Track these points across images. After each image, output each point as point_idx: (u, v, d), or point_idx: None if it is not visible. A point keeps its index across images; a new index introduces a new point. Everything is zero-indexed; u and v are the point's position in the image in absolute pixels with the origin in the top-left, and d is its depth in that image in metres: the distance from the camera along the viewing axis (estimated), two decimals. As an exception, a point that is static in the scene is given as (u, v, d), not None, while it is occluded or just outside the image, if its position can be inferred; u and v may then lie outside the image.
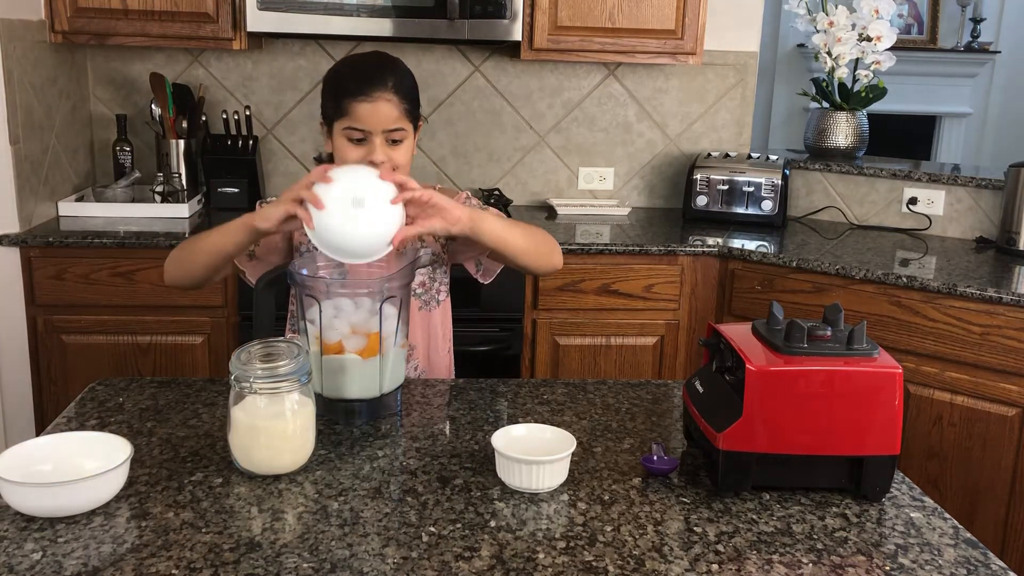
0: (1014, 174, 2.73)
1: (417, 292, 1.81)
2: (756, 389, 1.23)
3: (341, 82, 1.69)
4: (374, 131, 1.66)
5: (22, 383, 2.62)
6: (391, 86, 1.67)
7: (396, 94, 1.67)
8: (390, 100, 1.66)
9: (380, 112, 1.65)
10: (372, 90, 1.65)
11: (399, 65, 1.73)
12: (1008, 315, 2.28)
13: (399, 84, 1.68)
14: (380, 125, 1.66)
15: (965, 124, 6.81)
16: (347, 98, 1.66)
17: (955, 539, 1.19)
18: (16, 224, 2.56)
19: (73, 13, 2.68)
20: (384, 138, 1.67)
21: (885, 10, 3.11)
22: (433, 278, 1.83)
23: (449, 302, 1.89)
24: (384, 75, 1.68)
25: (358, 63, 1.74)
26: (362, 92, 1.65)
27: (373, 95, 1.65)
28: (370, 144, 1.67)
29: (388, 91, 1.66)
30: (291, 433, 1.28)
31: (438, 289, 1.86)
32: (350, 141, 1.68)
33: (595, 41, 2.87)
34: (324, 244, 1.42)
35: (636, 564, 1.09)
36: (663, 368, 2.78)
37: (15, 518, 1.15)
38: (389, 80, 1.67)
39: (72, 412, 1.50)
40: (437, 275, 1.84)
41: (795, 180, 3.21)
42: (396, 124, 1.67)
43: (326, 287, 1.44)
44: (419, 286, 1.80)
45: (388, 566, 1.07)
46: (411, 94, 1.71)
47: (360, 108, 1.65)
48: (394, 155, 1.69)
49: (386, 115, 1.66)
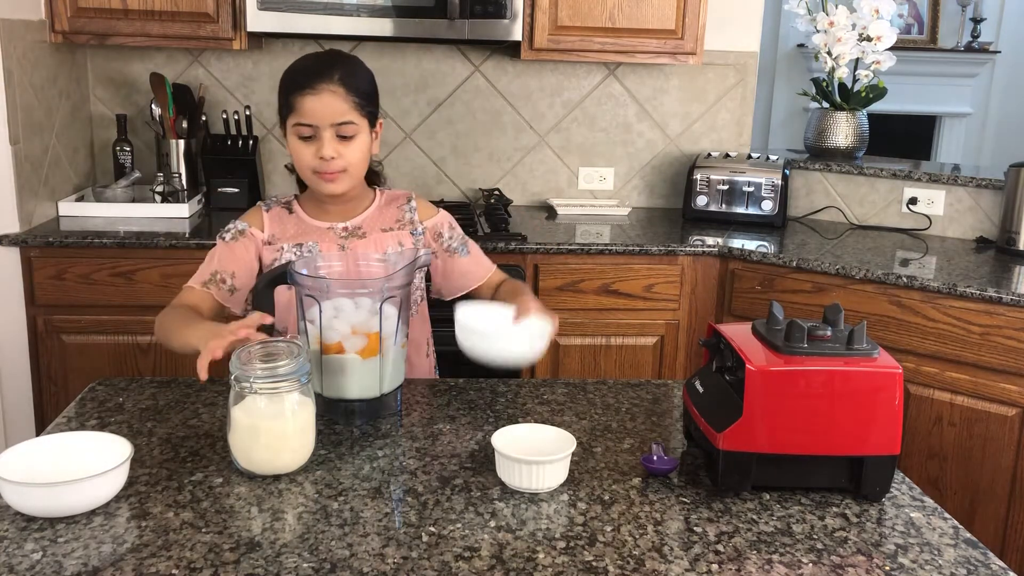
0: (1014, 174, 2.73)
1: None
2: (756, 389, 1.23)
3: (289, 79, 1.68)
4: (321, 124, 1.64)
5: (22, 383, 2.62)
6: (337, 78, 1.64)
7: (343, 86, 1.64)
8: (335, 92, 1.64)
9: (326, 104, 1.63)
10: (317, 82, 1.63)
11: (351, 60, 1.71)
12: (1008, 315, 2.28)
13: (347, 77, 1.66)
14: (327, 118, 1.63)
15: (965, 124, 6.81)
16: (294, 93, 1.65)
17: (955, 539, 1.19)
18: (16, 224, 2.56)
19: (73, 13, 2.68)
20: (333, 132, 1.64)
21: (885, 10, 3.11)
22: (415, 285, 1.82)
23: (426, 305, 1.89)
24: (331, 68, 1.66)
25: (308, 60, 1.72)
26: (308, 85, 1.63)
27: (317, 87, 1.63)
28: (319, 140, 1.65)
29: (334, 83, 1.64)
30: (291, 433, 1.28)
31: (420, 297, 1.86)
32: (300, 139, 1.66)
33: (595, 41, 2.87)
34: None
35: (636, 564, 1.09)
36: (663, 368, 2.78)
37: (15, 518, 1.15)
38: (336, 73, 1.65)
39: (72, 412, 1.50)
40: (415, 280, 1.82)
41: (795, 180, 3.21)
42: (344, 117, 1.64)
43: (326, 287, 1.44)
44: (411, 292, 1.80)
45: (388, 566, 1.07)
46: (362, 88, 1.68)
47: (305, 101, 1.63)
48: (345, 151, 1.66)
49: (333, 107, 1.63)
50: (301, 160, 1.68)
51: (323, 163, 1.66)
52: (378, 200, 1.83)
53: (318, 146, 1.65)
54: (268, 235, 1.75)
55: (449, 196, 3.27)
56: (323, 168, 1.66)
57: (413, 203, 1.85)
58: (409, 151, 3.23)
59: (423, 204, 1.88)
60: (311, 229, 1.76)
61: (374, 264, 1.59)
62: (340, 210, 1.78)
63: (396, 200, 1.85)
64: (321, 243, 1.74)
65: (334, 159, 1.65)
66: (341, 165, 1.67)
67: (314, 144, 1.66)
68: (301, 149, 1.67)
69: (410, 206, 1.84)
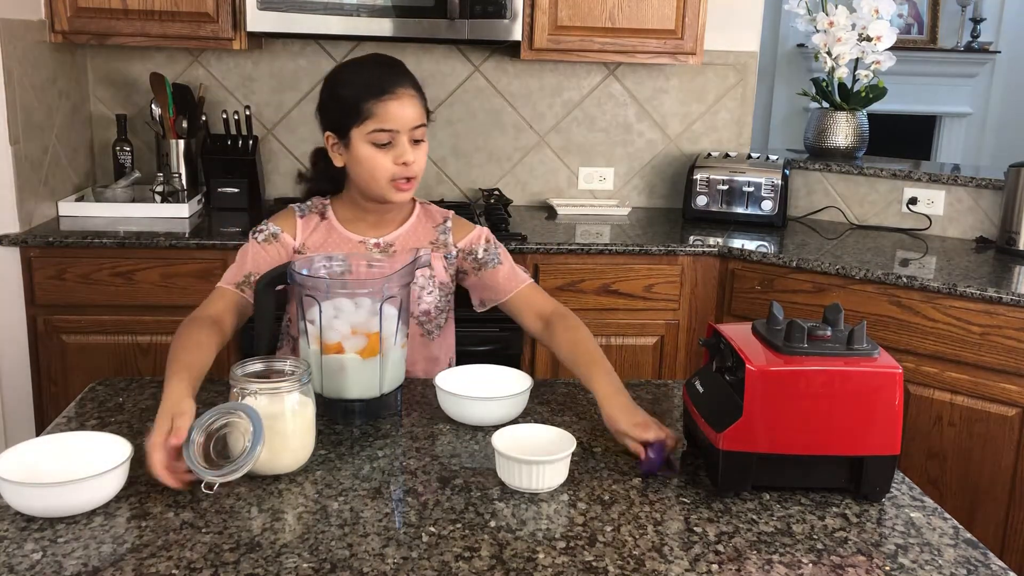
0: (1014, 174, 2.73)
1: (420, 320, 1.75)
2: (756, 389, 1.23)
3: (358, 84, 1.62)
4: (402, 130, 1.61)
5: (22, 383, 2.62)
6: (410, 82, 1.63)
7: (415, 89, 1.63)
8: (413, 96, 1.62)
9: (407, 109, 1.61)
10: (395, 87, 1.60)
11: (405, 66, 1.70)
12: (1008, 315, 2.28)
13: (415, 81, 1.65)
14: (408, 123, 1.61)
15: (965, 124, 6.81)
16: (370, 99, 1.59)
17: (955, 539, 1.19)
18: (16, 224, 2.56)
19: (73, 13, 2.68)
20: (409, 137, 1.62)
21: (885, 10, 3.11)
22: (440, 308, 1.78)
23: (453, 326, 1.86)
24: (400, 71, 1.64)
25: (367, 64, 1.68)
26: (387, 91, 1.59)
27: (398, 92, 1.60)
28: (398, 146, 1.61)
29: (409, 87, 1.62)
30: (291, 433, 1.28)
31: (446, 318, 1.82)
32: (376, 146, 1.61)
33: (595, 41, 2.87)
34: None
35: (636, 564, 1.09)
36: (663, 368, 2.78)
37: (15, 518, 1.15)
38: (407, 77, 1.63)
39: (72, 412, 1.50)
40: (443, 304, 1.79)
41: (795, 180, 3.21)
42: (420, 121, 1.63)
43: (326, 287, 1.44)
44: (423, 314, 1.75)
45: (388, 566, 1.07)
46: (423, 90, 1.67)
47: (388, 107, 1.59)
48: (419, 156, 1.64)
49: (412, 112, 1.61)
50: (378, 168, 1.61)
51: (404, 169, 1.62)
52: (416, 215, 1.78)
53: (397, 152, 1.61)
54: (300, 243, 1.71)
55: (449, 196, 3.27)
56: (401, 175, 1.62)
57: (449, 223, 1.79)
58: (409, 151, 3.22)
59: (459, 224, 1.81)
60: (343, 241, 1.72)
61: (374, 264, 1.58)
62: (379, 220, 1.74)
63: (433, 219, 1.80)
64: (351, 257, 1.69)
65: (413, 163, 1.62)
66: (415, 171, 1.64)
67: (391, 151, 1.61)
68: (378, 157, 1.61)
69: (445, 227, 1.79)
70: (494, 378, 1.54)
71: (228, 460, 1.22)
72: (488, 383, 1.53)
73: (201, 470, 1.20)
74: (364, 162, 1.62)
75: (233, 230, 2.67)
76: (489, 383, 1.53)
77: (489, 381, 1.53)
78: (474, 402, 1.46)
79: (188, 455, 1.21)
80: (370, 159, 1.62)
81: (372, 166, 1.62)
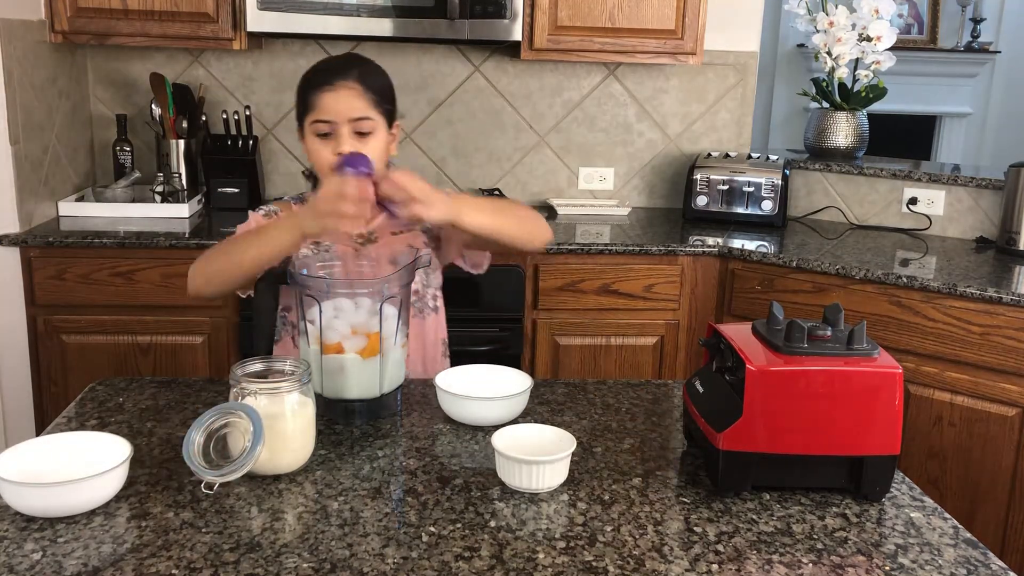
0: (1014, 174, 2.73)
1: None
2: (756, 389, 1.23)
3: (307, 78, 1.68)
4: (339, 120, 1.63)
5: (22, 383, 2.62)
6: (355, 75, 1.64)
7: (360, 83, 1.64)
8: (353, 88, 1.63)
9: (343, 100, 1.63)
10: (334, 79, 1.63)
11: (369, 62, 1.71)
12: (1008, 315, 2.28)
13: (365, 75, 1.66)
14: (345, 114, 1.63)
15: (965, 124, 6.81)
16: (311, 91, 1.65)
17: (955, 539, 1.19)
18: (16, 224, 2.56)
19: (73, 13, 2.68)
20: (350, 128, 1.64)
21: (885, 10, 3.11)
22: (426, 284, 1.80)
23: (443, 308, 1.87)
24: (349, 66, 1.66)
25: (326, 61, 1.73)
26: (325, 82, 1.63)
27: (336, 83, 1.63)
28: (337, 137, 1.64)
29: (351, 79, 1.64)
30: (291, 433, 1.28)
31: (434, 295, 1.82)
32: (318, 136, 1.65)
33: (595, 41, 2.87)
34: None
35: (636, 564, 1.09)
36: (663, 368, 2.78)
37: (15, 518, 1.15)
38: (354, 70, 1.65)
39: (72, 412, 1.50)
40: (429, 280, 1.81)
41: (795, 180, 3.21)
42: (362, 113, 1.64)
43: (326, 287, 1.44)
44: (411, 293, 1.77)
45: (388, 566, 1.07)
46: (380, 86, 1.68)
47: (323, 97, 1.63)
48: (362, 148, 1.64)
49: (350, 103, 1.63)
50: (319, 159, 1.66)
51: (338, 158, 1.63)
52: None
53: (336, 143, 1.64)
54: None
55: (449, 196, 3.27)
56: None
57: None
58: (409, 151, 3.22)
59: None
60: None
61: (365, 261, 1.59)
62: None
63: None
64: (337, 245, 1.71)
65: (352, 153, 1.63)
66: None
67: (331, 142, 1.64)
68: (319, 147, 1.66)
69: None
70: (494, 378, 1.54)
71: (228, 460, 1.22)
72: (488, 383, 1.53)
73: (201, 470, 1.20)
74: (310, 153, 1.68)
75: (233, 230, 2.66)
76: (489, 383, 1.53)
77: (489, 381, 1.53)
78: (474, 402, 1.46)
79: (188, 455, 1.21)
80: (313, 151, 1.67)
81: (314, 155, 1.67)
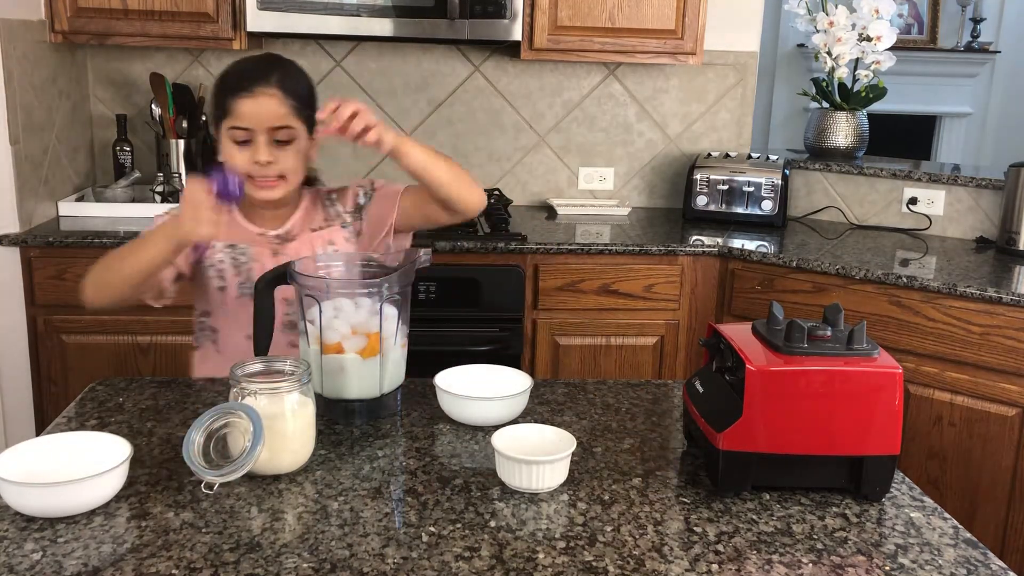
0: (1014, 174, 2.73)
1: None
2: (756, 389, 1.23)
3: (225, 80, 1.64)
4: (257, 128, 1.60)
5: (22, 383, 2.62)
6: (275, 81, 1.61)
7: (281, 90, 1.61)
8: (274, 95, 1.60)
9: (263, 108, 1.59)
10: (253, 85, 1.60)
11: (289, 64, 1.68)
12: (1008, 315, 2.28)
13: (285, 80, 1.63)
14: (264, 122, 1.60)
15: (965, 124, 6.81)
16: (229, 95, 1.61)
17: (955, 539, 1.19)
18: (16, 224, 2.56)
19: (73, 13, 2.68)
20: (268, 137, 1.61)
21: (885, 10, 3.11)
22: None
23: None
24: (268, 71, 1.63)
25: (244, 62, 1.68)
26: (244, 88, 1.60)
27: (255, 90, 1.60)
28: (254, 144, 1.61)
29: (271, 86, 1.61)
30: (291, 433, 1.28)
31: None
32: (235, 143, 1.62)
33: (595, 41, 2.87)
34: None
35: (636, 564, 1.09)
36: (663, 368, 2.78)
37: (15, 518, 1.15)
38: (273, 76, 1.62)
39: (72, 412, 1.50)
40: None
41: (795, 180, 3.21)
42: (281, 122, 1.61)
43: (326, 287, 1.44)
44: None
45: (388, 566, 1.07)
46: (301, 93, 1.65)
47: (243, 105, 1.59)
48: (282, 157, 1.62)
49: (269, 111, 1.60)
50: (235, 165, 1.63)
51: (258, 168, 1.62)
52: (305, 200, 1.78)
53: (253, 151, 1.61)
54: None
55: (449, 196, 3.27)
56: (258, 173, 1.63)
57: (334, 195, 1.80)
58: (409, 151, 3.22)
59: (342, 189, 1.82)
60: (242, 232, 1.72)
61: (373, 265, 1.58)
62: (272, 215, 1.74)
63: (320, 196, 1.80)
64: (253, 247, 1.71)
65: (270, 164, 1.62)
66: (277, 171, 1.63)
67: (249, 149, 1.62)
68: (235, 154, 1.62)
69: (331, 197, 1.80)
70: (494, 378, 1.54)
71: (228, 460, 1.22)
72: (488, 383, 1.53)
73: (201, 470, 1.20)
74: (225, 157, 1.65)
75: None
76: (489, 383, 1.53)
77: (489, 381, 1.53)
78: (474, 402, 1.46)
79: (188, 455, 1.21)
80: (229, 155, 1.64)
81: (231, 163, 1.64)
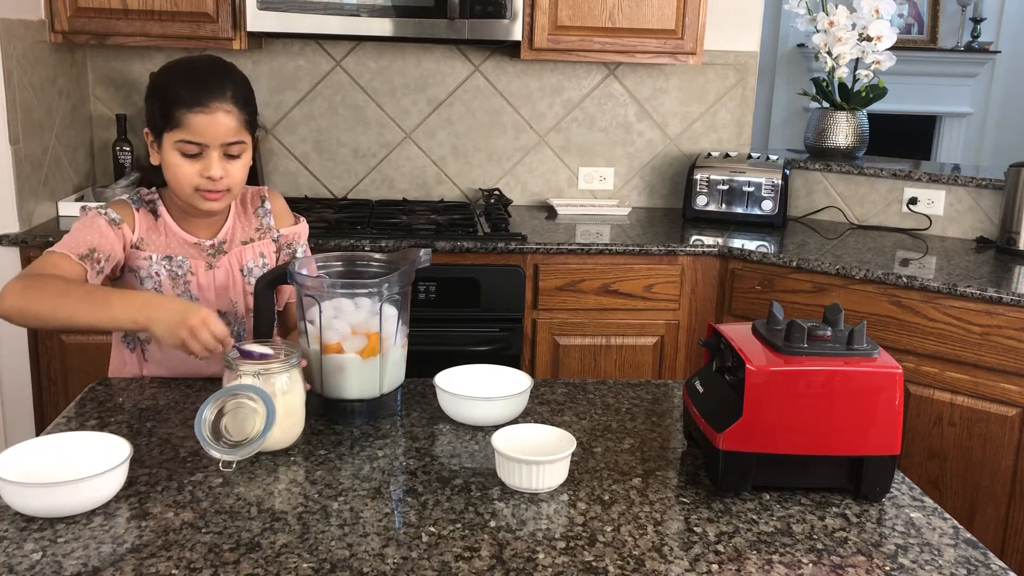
0: (1014, 174, 2.73)
1: None
2: (756, 389, 1.23)
3: (173, 90, 1.57)
4: (211, 144, 1.56)
5: (22, 383, 2.62)
6: (230, 96, 1.57)
7: (235, 104, 1.57)
8: (229, 112, 1.56)
9: (219, 124, 1.55)
10: (210, 100, 1.55)
11: (235, 72, 1.63)
12: (1008, 315, 2.28)
13: (238, 94, 1.59)
14: (219, 138, 1.56)
15: (965, 124, 6.81)
16: (181, 108, 1.55)
17: (955, 539, 1.19)
18: (16, 224, 2.56)
19: (73, 13, 2.68)
20: (221, 151, 1.58)
21: (885, 10, 3.11)
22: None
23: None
24: (222, 84, 1.57)
25: (191, 70, 1.61)
26: (198, 103, 1.55)
27: (211, 106, 1.55)
28: (206, 159, 1.57)
29: (227, 101, 1.56)
30: (281, 412, 1.32)
31: None
32: (184, 156, 1.57)
33: (595, 41, 2.87)
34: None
35: (636, 564, 1.09)
36: (663, 368, 2.78)
37: (15, 518, 1.15)
38: (228, 90, 1.57)
39: (72, 412, 1.50)
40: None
41: (795, 180, 3.21)
42: (235, 137, 1.58)
43: (326, 287, 1.44)
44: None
45: (388, 566, 1.07)
46: (249, 104, 1.62)
47: (198, 120, 1.54)
48: (232, 170, 1.60)
49: (226, 127, 1.56)
50: (182, 177, 1.58)
51: (209, 182, 1.58)
52: (234, 208, 1.75)
53: (205, 165, 1.57)
54: (137, 238, 1.66)
55: (449, 196, 3.28)
56: (208, 187, 1.59)
57: (267, 205, 1.78)
58: (409, 151, 3.23)
59: (278, 207, 1.79)
60: (179, 243, 1.69)
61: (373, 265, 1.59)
62: (206, 223, 1.71)
63: (252, 202, 1.77)
64: (189, 259, 1.68)
65: (222, 178, 1.59)
66: (226, 184, 1.60)
67: (199, 162, 1.58)
68: (184, 166, 1.58)
69: (264, 209, 1.77)
70: (494, 378, 1.54)
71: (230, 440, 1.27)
72: (488, 383, 1.53)
73: (216, 449, 1.26)
74: (170, 168, 1.60)
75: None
76: (489, 383, 1.53)
77: (489, 381, 1.53)
78: (474, 402, 1.46)
79: (201, 434, 1.26)
80: (176, 167, 1.59)
81: (176, 174, 1.59)
